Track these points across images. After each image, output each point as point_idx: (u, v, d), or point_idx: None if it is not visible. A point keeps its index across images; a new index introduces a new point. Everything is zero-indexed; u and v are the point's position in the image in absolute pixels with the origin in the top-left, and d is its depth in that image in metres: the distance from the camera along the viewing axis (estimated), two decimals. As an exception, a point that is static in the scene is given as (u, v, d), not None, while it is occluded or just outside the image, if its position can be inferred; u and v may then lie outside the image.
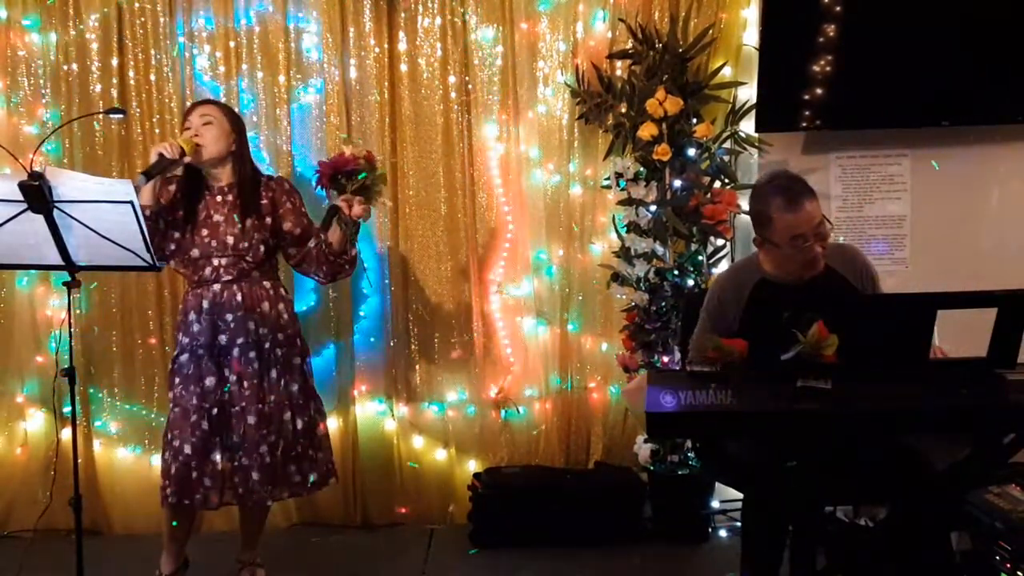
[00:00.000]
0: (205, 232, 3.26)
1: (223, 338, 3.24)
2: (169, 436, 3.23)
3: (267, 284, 3.33)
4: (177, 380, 3.26)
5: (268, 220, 3.30)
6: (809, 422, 2.31)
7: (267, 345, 3.27)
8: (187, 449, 3.17)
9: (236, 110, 3.53)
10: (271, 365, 3.28)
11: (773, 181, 2.79)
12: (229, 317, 3.25)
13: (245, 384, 3.22)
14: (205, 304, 3.26)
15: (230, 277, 3.26)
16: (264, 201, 3.32)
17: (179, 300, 3.66)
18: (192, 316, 3.27)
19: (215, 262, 3.25)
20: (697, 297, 3.77)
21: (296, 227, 3.34)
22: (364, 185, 3.23)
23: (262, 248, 3.28)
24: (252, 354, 3.24)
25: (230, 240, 3.25)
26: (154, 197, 3.21)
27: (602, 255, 4.21)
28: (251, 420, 3.20)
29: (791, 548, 2.85)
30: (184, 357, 3.26)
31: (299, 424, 3.31)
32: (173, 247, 3.28)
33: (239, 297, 3.26)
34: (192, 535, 3.38)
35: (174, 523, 3.28)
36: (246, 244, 3.25)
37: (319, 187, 3.30)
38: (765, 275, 2.87)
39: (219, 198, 3.30)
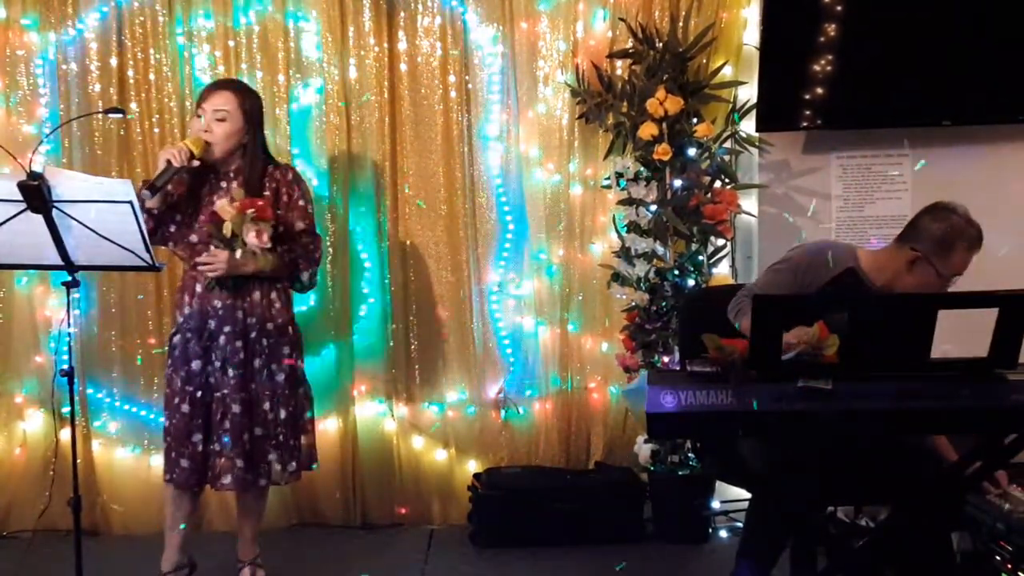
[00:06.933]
0: (205, 219, 3.23)
1: (212, 323, 3.24)
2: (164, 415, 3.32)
3: None
4: (170, 360, 3.30)
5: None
6: (809, 422, 2.31)
7: (253, 335, 3.26)
8: (170, 428, 3.24)
9: (255, 93, 3.39)
10: (256, 354, 3.26)
11: (968, 217, 2.90)
12: (218, 304, 3.24)
13: (230, 372, 3.22)
14: (198, 288, 3.26)
15: None
16: (267, 192, 3.28)
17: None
18: (187, 297, 3.29)
19: (212, 249, 3.22)
20: (697, 297, 3.77)
21: (301, 221, 3.31)
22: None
23: None
24: (239, 343, 3.23)
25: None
26: (164, 199, 3.19)
27: (602, 255, 4.20)
28: (234, 408, 3.20)
29: (791, 548, 2.85)
30: (177, 338, 3.29)
31: (282, 414, 3.28)
32: (173, 229, 3.27)
33: (230, 284, 3.24)
34: (191, 534, 3.38)
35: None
36: None
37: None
38: (858, 266, 2.95)
39: (224, 184, 3.28)
